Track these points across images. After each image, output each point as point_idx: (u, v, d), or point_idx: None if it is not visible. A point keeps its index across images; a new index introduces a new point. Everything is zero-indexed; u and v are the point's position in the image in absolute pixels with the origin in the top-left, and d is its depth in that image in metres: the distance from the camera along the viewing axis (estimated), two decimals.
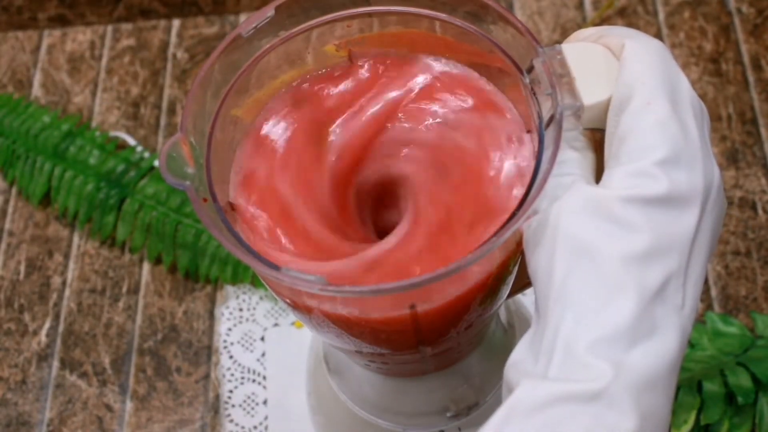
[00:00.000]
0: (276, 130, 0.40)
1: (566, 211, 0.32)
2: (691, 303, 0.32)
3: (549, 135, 0.34)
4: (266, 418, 0.62)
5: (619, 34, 0.35)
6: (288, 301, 0.38)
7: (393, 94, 0.40)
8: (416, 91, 0.40)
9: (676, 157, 0.32)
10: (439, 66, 0.40)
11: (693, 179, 0.32)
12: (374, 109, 0.40)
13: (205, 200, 0.34)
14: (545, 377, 0.30)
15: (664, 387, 0.31)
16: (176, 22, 0.79)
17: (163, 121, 0.74)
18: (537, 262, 0.33)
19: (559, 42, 0.36)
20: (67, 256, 0.69)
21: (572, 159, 0.35)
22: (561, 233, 0.32)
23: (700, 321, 0.63)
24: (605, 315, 0.30)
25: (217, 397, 0.63)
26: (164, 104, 0.75)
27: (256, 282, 0.66)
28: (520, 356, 0.32)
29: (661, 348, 0.31)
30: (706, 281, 0.65)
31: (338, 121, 0.40)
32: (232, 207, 0.38)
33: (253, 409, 0.63)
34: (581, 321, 0.31)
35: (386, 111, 0.40)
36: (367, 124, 0.40)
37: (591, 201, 0.32)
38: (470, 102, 0.40)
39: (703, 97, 0.71)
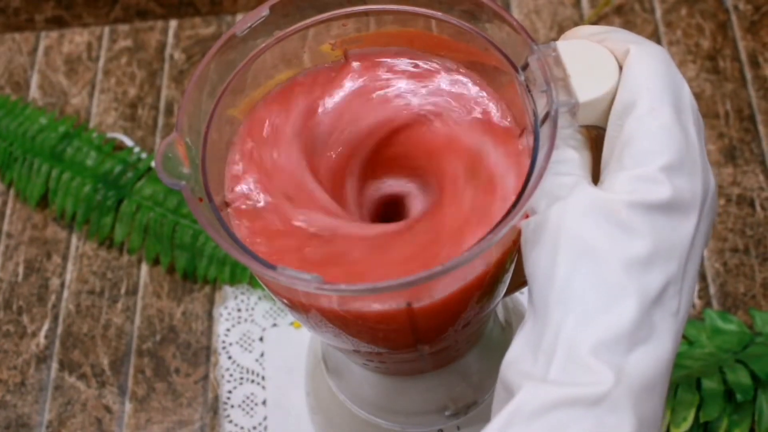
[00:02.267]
0: (270, 125, 0.40)
1: (571, 212, 0.32)
2: (685, 308, 0.33)
3: (544, 132, 0.34)
4: (265, 418, 0.62)
5: (622, 38, 0.35)
6: (285, 300, 0.38)
7: (388, 91, 0.40)
8: (411, 88, 0.40)
9: (679, 163, 0.32)
10: (434, 65, 0.40)
11: (693, 186, 0.33)
12: (370, 105, 0.40)
13: (200, 200, 0.34)
14: (546, 379, 0.31)
15: (659, 390, 0.31)
16: (173, 23, 0.79)
17: (160, 121, 0.74)
18: (536, 262, 0.33)
19: (557, 40, 0.36)
20: (65, 258, 0.69)
21: (572, 159, 0.35)
22: (564, 234, 0.32)
23: (698, 318, 0.63)
24: (607, 318, 0.31)
25: (216, 397, 0.63)
26: (161, 105, 0.75)
27: (254, 282, 0.66)
28: (517, 355, 0.32)
29: (658, 352, 0.31)
30: (704, 278, 0.65)
31: (332, 121, 0.40)
32: (227, 204, 0.38)
33: (252, 409, 0.63)
34: (583, 323, 0.31)
35: (381, 107, 0.40)
36: (364, 120, 0.40)
37: (596, 204, 0.32)
38: (467, 99, 0.40)
39: (700, 94, 0.71)
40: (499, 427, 0.30)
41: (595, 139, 0.37)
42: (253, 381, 0.63)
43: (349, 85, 0.40)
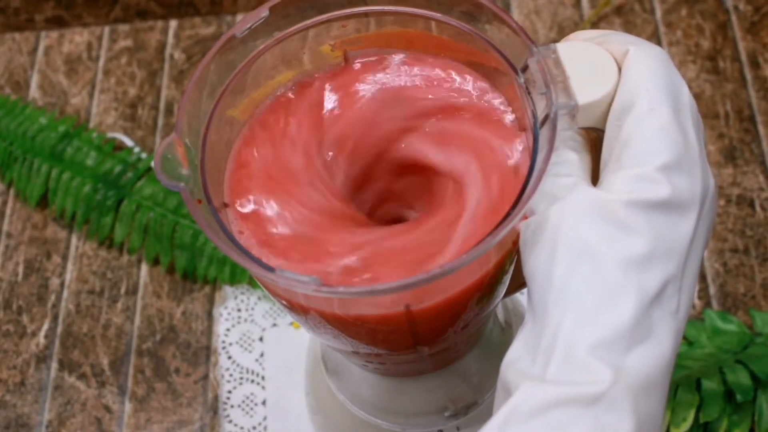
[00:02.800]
0: (271, 127, 0.40)
1: (569, 213, 0.32)
2: (685, 307, 0.33)
3: (543, 134, 0.34)
4: (265, 418, 0.62)
5: (622, 40, 0.35)
6: (284, 302, 0.38)
7: (387, 92, 0.40)
8: (411, 89, 0.40)
9: (678, 163, 0.32)
10: (433, 64, 0.40)
11: (692, 185, 0.33)
12: (371, 107, 0.40)
13: (199, 201, 0.34)
14: (544, 378, 0.31)
15: (659, 390, 0.31)
16: (173, 23, 0.79)
17: (160, 121, 0.74)
18: (535, 262, 0.33)
19: (557, 41, 0.36)
20: (65, 258, 0.69)
21: (572, 160, 0.35)
22: (563, 235, 0.32)
23: (698, 319, 0.63)
24: (605, 318, 0.31)
25: (216, 397, 0.63)
26: (161, 105, 0.75)
27: (254, 283, 0.66)
28: (516, 355, 0.32)
29: (657, 351, 0.31)
30: (704, 279, 0.65)
31: (336, 122, 0.40)
32: (226, 206, 0.38)
33: (252, 409, 0.63)
34: (581, 323, 0.31)
35: (382, 109, 0.40)
36: (364, 122, 0.40)
37: (595, 204, 0.32)
38: (468, 100, 0.40)
39: (700, 94, 0.71)
40: (497, 427, 0.30)
41: (594, 141, 0.37)
42: (252, 381, 0.63)
43: (351, 86, 0.40)
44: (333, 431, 0.56)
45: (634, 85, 0.34)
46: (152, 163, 0.70)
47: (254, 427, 0.62)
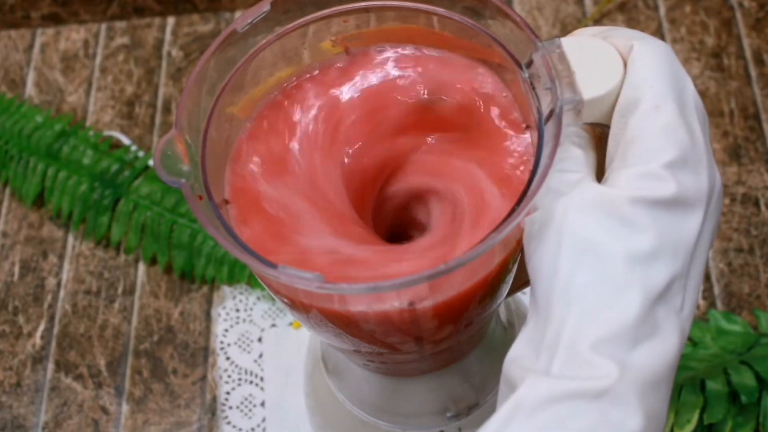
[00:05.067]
0: (272, 125, 0.39)
1: (574, 209, 0.32)
2: (690, 305, 0.33)
3: (549, 130, 0.33)
4: (264, 419, 0.62)
5: (626, 35, 0.35)
6: (285, 300, 0.38)
7: (390, 90, 0.39)
8: (415, 87, 0.39)
9: (684, 161, 0.32)
10: (437, 58, 0.40)
11: (698, 182, 0.33)
12: (384, 104, 0.39)
13: (200, 198, 0.34)
14: (548, 374, 0.31)
15: (664, 387, 0.31)
16: (171, 20, 0.79)
17: (158, 120, 0.74)
18: (539, 258, 0.33)
19: (560, 37, 0.36)
20: (61, 257, 0.68)
21: (577, 156, 0.35)
22: (568, 231, 0.32)
23: (703, 319, 0.63)
24: (610, 314, 0.31)
25: (214, 398, 0.63)
26: (159, 103, 0.74)
27: (252, 282, 0.66)
28: (520, 352, 0.32)
29: (662, 348, 0.31)
30: (708, 278, 0.64)
31: (335, 121, 0.39)
32: (227, 202, 0.37)
33: (250, 410, 0.62)
34: (586, 318, 0.31)
35: (395, 106, 0.39)
36: (369, 122, 0.39)
37: (600, 200, 0.32)
38: (473, 97, 0.39)
39: (704, 92, 0.71)
40: (501, 421, 0.30)
41: (599, 136, 0.36)
42: (251, 382, 0.63)
43: (359, 83, 0.40)
44: None
45: (639, 81, 0.34)
46: (150, 162, 0.70)
47: (253, 429, 0.62)
